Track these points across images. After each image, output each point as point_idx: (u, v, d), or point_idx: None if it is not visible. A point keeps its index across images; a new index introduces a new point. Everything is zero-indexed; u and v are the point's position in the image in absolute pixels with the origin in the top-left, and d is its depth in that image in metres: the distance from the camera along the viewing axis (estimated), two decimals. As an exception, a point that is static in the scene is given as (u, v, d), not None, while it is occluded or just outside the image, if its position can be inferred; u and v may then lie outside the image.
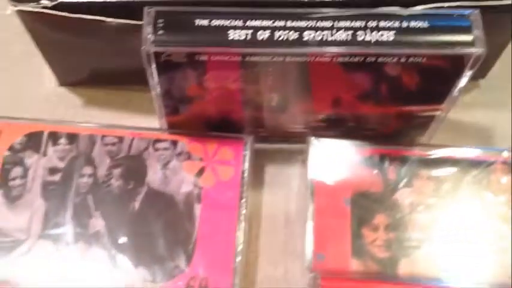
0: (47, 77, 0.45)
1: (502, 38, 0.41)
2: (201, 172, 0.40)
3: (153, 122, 0.42)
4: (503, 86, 0.47)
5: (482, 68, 0.45)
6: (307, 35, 0.33)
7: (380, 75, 0.36)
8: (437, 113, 0.40)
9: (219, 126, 0.42)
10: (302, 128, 0.42)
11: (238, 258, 0.37)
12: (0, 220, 0.37)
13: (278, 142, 0.44)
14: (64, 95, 0.45)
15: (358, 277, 0.35)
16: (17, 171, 0.39)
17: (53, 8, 0.35)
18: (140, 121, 0.44)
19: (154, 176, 0.40)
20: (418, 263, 0.37)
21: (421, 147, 0.41)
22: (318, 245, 0.38)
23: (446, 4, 0.36)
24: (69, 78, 0.45)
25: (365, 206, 0.39)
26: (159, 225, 0.38)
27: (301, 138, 0.42)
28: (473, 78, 0.45)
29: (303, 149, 0.42)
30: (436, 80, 0.37)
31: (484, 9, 0.35)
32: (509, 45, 0.43)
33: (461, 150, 0.41)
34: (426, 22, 0.34)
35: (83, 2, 0.36)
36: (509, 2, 0.36)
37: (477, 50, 0.33)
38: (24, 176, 0.39)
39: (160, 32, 0.33)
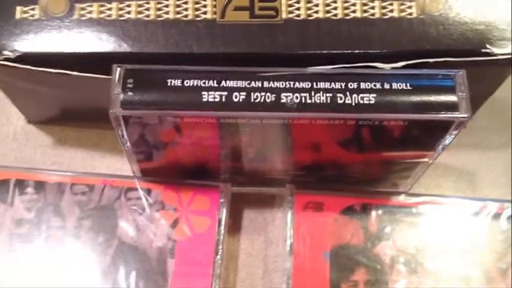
0: (15, 114, 0.43)
1: (489, 86, 0.40)
2: (175, 223, 0.38)
3: (126, 163, 0.40)
4: (489, 126, 0.45)
5: (468, 110, 0.44)
6: (285, 97, 0.31)
7: (365, 125, 0.35)
8: (422, 160, 0.39)
9: (195, 173, 0.40)
10: (281, 175, 0.41)
11: (213, 315, 0.36)
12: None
13: (256, 186, 0.42)
14: (32, 133, 0.43)
15: None
16: (-18, 223, 0.37)
17: (15, 60, 0.33)
18: (113, 162, 0.42)
19: (126, 228, 0.38)
20: (397, 322, 0.37)
21: (403, 196, 0.40)
22: (295, 305, 0.37)
23: (431, 60, 0.34)
24: (38, 117, 0.43)
25: (344, 260, 0.38)
26: (131, 280, 0.37)
27: (280, 182, 0.41)
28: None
29: (281, 193, 0.41)
30: (422, 134, 0.36)
31: (470, 64, 0.34)
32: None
33: (445, 199, 0.40)
34: (409, 83, 0.32)
35: (47, 54, 0.33)
36: (494, 58, 0.35)
37: (461, 115, 0.32)
38: (-11, 229, 0.37)
39: (130, 93, 0.31)
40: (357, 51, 0.35)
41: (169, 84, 0.31)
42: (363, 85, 0.32)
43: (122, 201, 0.39)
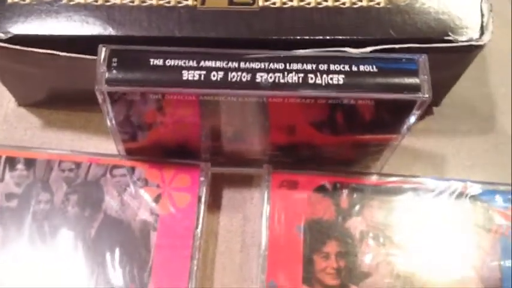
0: (6, 97, 0.45)
1: (453, 73, 0.42)
2: (157, 199, 0.41)
3: (112, 144, 0.42)
4: (455, 113, 0.48)
5: (436, 98, 0.46)
6: (260, 77, 0.34)
7: (335, 109, 0.38)
8: (390, 142, 0.41)
9: (177, 153, 0.42)
10: (259, 155, 0.43)
11: (193, 285, 0.38)
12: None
13: (235, 166, 0.45)
14: (23, 115, 0.45)
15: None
16: (-27, 197, 0.39)
17: (7, 41, 0.35)
18: (99, 143, 0.44)
19: (111, 202, 0.40)
20: (365, 291, 0.39)
21: (373, 176, 0.43)
22: (270, 272, 0.39)
23: (396, 46, 0.37)
24: (28, 100, 0.45)
25: (317, 233, 0.40)
26: (115, 252, 0.39)
27: (258, 163, 0.44)
28: (427, 106, 0.47)
29: (259, 173, 0.43)
30: (388, 114, 0.38)
31: (434, 50, 0.37)
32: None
33: (410, 178, 0.43)
34: (375, 66, 0.35)
35: (37, 36, 0.36)
36: (456, 45, 0.38)
37: (423, 96, 0.34)
38: (-20, 202, 0.39)
39: (114, 71, 0.33)
40: (328, 37, 0.37)
41: (151, 63, 0.34)
42: (332, 67, 0.34)
43: (107, 177, 0.41)
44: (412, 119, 0.37)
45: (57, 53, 0.35)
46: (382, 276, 0.39)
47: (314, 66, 0.34)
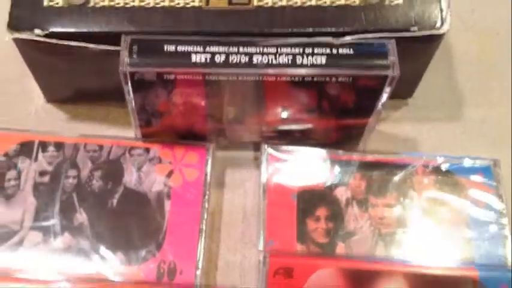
0: (36, 94, 0.52)
1: (421, 62, 0.49)
2: (170, 174, 0.47)
3: (128, 133, 0.49)
4: (427, 104, 0.55)
5: (408, 89, 0.54)
6: (256, 59, 0.41)
7: (321, 93, 0.44)
8: (368, 124, 0.48)
9: (186, 136, 0.49)
10: (257, 138, 0.50)
11: (202, 246, 0.44)
12: (-2, 215, 0.44)
13: (236, 150, 0.51)
14: (51, 110, 0.52)
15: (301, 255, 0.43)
16: (11, 174, 0.45)
17: (44, 36, 0.42)
18: (117, 132, 0.51)
19: (129, 177, 0.46)
20: (352, 247, 0.45)
21: (356, 153, 0.49)
22: (269, 232, 0.45)
23: (370, 35, 0.44)
24: (56, 96, 0.52)
25: (309, 200, 0.46)
26: (134, 218, 0.45)
27: (256, 146, 0.50)
28: (402, 97, 0.54)
29: (258, 155, 0.50)
30: (364, 97, 0.45)
31: (403, 39, 0.44)
32: (430, 69, 0.51)
33: (388, 155, 0.49)
34: (352, 49, 0.42)
35: (70, 32, 0.43)
36: (421, 34, 0.45)
37: (392, 72, 0.41)
38: (17, 177, 0.45)
39: (135, 56, 0.40)
40: (311, 30, 0.44)
41: (165, 49, 0.41)
42: (316, 50, 0.42)
43: (126, 156, 0.47)
44: (385, 96, 0.44)
45: (86, 44, 0.42)
46: (366, 235, 0.45)
47: (301, 49, 0.42)
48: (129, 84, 0.42)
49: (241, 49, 0.41)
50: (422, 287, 0.40)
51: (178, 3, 0.44)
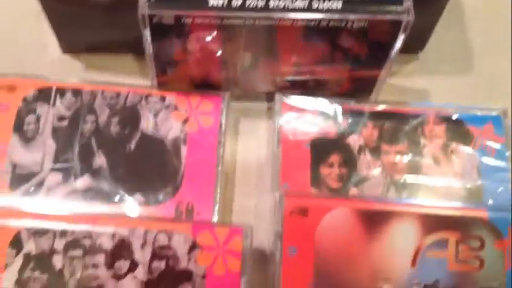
0: (52, 45, 0.52)
1: (433, 13, 0.50)
2: (186, 121, 0.48)
3: (144, 83, 0.50)
4: (438, 58, 0.56)
5: (419, 41, 0.54)
6: (273, 3, 0.42)
7: (335, 42, 0.45)
8: (380, 74, 0.49)
9: (201, 85, 0.50)
10: (271, 87, 0.50)
11: (218, 191, 0.45)
12: (18, 157, 0.45)
13: (250, 100, 0.52)
14: (67, 60, 0.53)
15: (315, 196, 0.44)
16: (30, 118, 0.46)
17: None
18: (134, 82, 0.51)
19: (146, 123, 0.47)
20: (364, 192, 0.46)
21: (368, 103, 0.50)
22: (283, 177, 0.46)
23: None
24: (72, 47, 0.52)
25: (322, 148, 0.47)
26: (151, 162, 0.46)
27: (269, 97, 0.51)
28: (413, 51, 0.55)
29: (271, 106, 0.51)
30: (378, 46, 0.46)
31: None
32: (441, 21, 0.52)
33: (400, 105, 0.50)
34: (368, -5, 0.43)
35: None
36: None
37: (407, 17, 0.42)
38: (36, 122, 0.46)
39: (153, 0, 0.41)
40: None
41: (184, -8, 0.41)
42: (332, -5, 0.42)
43: (142, 104, 0.48)
44: (398, 44, 0.45)
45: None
46: (378, 181, 0.46)
47: (317, -6, 0.42)
48: (148, 27, 0.42)
49: (258, -7, 0.42)
50: (433, 228, 0.41)
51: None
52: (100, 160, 0.45)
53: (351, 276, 0.40)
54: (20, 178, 0.44)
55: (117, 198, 0.44)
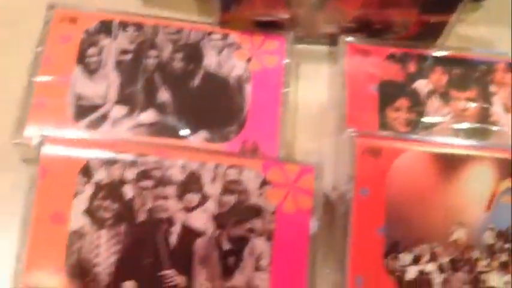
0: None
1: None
2: (249, 60, 0.46)
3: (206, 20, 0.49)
4: (503, 5, 0.54)
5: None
6: None
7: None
8: (449, 19, 0.47)
9: (263, 25, 0.48)
10: (335, 29, 0.49)
11: (282, 130, 0.44)
12: (82, 88, 0.44)
13: (311, 43, 0.50)
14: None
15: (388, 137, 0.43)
16: (92, 50, 0.45)
17: None
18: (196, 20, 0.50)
19: (209, 61, 0.46)
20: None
21: (436, 48, 0.49)
22: (350, 121, 0.45)
23: None
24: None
25: (389, 91, 0.46)
26: (215, 99, 0.45)
27: (333, 39, 0.49)
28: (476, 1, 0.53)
29: (335, 50, 0.49)
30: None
31: None
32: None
33: (469, 51, 0.48)
34: None
35: None
36: None
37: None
38: (99, 54, 0.45)
39: None
40: None
41: None
42: None
43: (205, 41, 0.47)
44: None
45: None
46: (446, 126, 0.45)
47: None
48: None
49: None
50: (508, 173, 0.40)
51: None
52: (164, 95, 0.44)
53: (423, 220, 0.40)
54: (84, 110, 0.43)
55: (182, 134, 0.43)
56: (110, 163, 0.39)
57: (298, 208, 0.39)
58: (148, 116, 0.44)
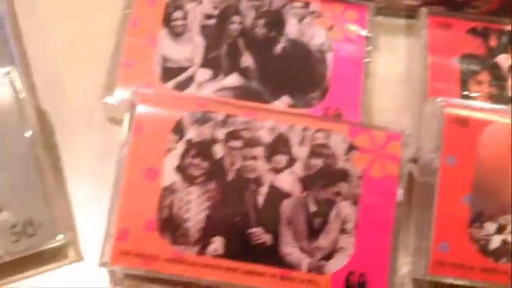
0: None
1: None
2: (330, 28, 0.47)
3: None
4: None
5: None
6: None
7: None
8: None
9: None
10: (416, 1, 0.49)
11: (364, 99, 0.44)
12: (169, 51, 0.44)
13: (390, 16, 0.50)
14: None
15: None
16: (177, 14, 0.46)
17: None
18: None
19: (291, 28, 0.46)
20: (514, 111, 0.45)
21: (519, 23, 0.48)
22: (431, 91, 0.45)
23: None
24: None
25: (471, 65, 0.46)
26: (297, 66, 0.45)
27: (411, 12, 0.49)
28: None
29: (413, 23, 0.49)
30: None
31: None
32: None
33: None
34: None
35: None
36: None
37: None
38: (184, 18, 0.46)
39: None
40: None
41: None
42: None
43: (287, 8, 0.47)
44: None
45: None
46: (528, 101, 0.45)
47: None
48: None
49: None
50: None
51: None
52: (247, 60, 0.45)
53: (509, 191, 0.39)
54: (170, 71, 0.44)
55: (265, 99, 0.44)
56: (201, 122, 0.40)
57: (384, 174, 0.39)
58: (233, 79, 0.44)
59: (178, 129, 0.39)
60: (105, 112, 0.44)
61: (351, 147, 0.40)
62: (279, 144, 0.40)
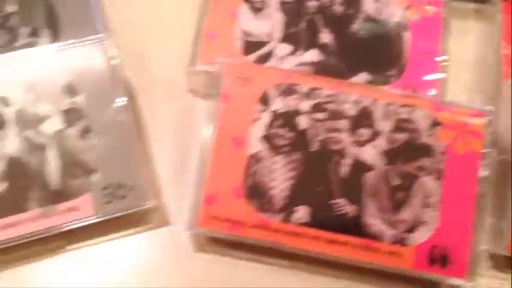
0: None
1: None
2: (407, 8, 0.47)
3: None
4: None
5: None
6: None
7: None
8: None
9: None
10: (490, -16, 0.49)
11: (441, 76, 0.45)
12: (249, 25, 0.45)
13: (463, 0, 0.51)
14: None
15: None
16: (257, -11, 0.47)
17: None
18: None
19: (369, 6, 0.47)
20: None
21: None
22: (506, 74, 0.45)
23: None
24: None
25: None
26: (375, 43, 0.46)
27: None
28: None
29: (484, 8, 0.49)
30: None
31: None
32: None
33: None
34: None
35: None
36: None
37: None
38: (263, -7, 0.47)
39: None
40: None
41: None
42: None
43: (364, -13, 0.47)
44: None
45: None
46: None
47: None
48: None
49: None
50: None
51: None
52: (326, 37, 0.45)
53: None
54: (251, 45, 0.45)
55: (344, 75, 0.44)
56: (286, 93, 0.40)
57: (468, 150, 0.40)
58: (312, 55, 0.45)
59: (265, 100, 0.40)
60: (187, 83, 0.45)
61: (435, 123, 0.40)
62: (363, 118, 0.40)
